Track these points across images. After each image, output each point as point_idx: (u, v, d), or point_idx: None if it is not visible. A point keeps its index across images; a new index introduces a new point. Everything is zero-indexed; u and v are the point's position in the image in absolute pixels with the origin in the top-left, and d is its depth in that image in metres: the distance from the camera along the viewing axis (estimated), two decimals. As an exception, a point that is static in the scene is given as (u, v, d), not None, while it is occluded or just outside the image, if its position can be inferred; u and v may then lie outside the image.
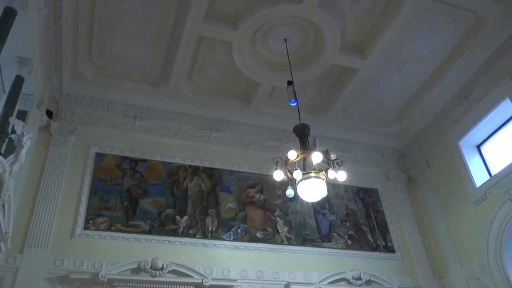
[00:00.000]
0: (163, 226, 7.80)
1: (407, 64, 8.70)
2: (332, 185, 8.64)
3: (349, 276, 8.27)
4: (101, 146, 8.34)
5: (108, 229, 7.47)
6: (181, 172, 8.57)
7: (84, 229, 7.33)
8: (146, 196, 8.04)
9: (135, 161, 8.40)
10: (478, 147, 9.26)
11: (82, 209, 7.51)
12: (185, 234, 7.84)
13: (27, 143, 5.73)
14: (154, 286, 7.10)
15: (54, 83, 8.03)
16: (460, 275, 8.70)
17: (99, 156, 8.20)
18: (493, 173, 8.64)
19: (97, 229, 7.41)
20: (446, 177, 9.46)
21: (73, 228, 7.29)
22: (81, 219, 7.40)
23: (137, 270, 7.13)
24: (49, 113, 8.11)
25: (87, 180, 7.85)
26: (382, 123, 10.14)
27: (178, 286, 7.21)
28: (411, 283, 8.80)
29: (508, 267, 7.82)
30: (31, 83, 6.72)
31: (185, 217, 8.03)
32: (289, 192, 5.40)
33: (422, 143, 10.18)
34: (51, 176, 7.59)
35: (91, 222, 7.43)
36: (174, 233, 7.79)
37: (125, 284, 6.95)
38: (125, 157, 8.37)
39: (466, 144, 9.20)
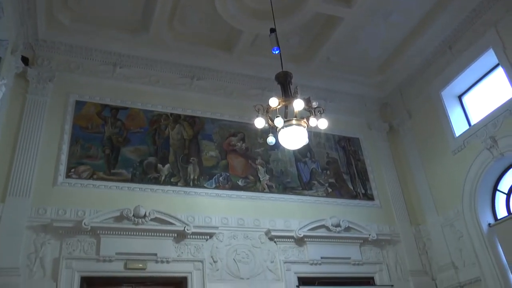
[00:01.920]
0: (145, 174, 7.82)
1: (392, 14, 8.54)
2: (313, 134, 8.70)
3: (328, 223, 8.47)
4: (80, 93, 8.18)
5: (90, 177, 7.46)
6: (162, 120, 8.51)
7: (66, 178, 7.31)
8: (127, 144, 8.00)
9: (116, 109, 8.29)
10: (460, 97, 9.33)
11: (64, 157, 7.46)
12: (167, 182, 7.89)
13: (1, 89, 5.61)
14: (137, 233, 7.20)
15: (28, 29, 7.73)
16: (436, 222, 8.99)
17: (79, 104, 8.07)
18: (472, 123, 8.76)
19: (79, 177, 7.39)
20: (427, 127, 9.57)
21: (54, 177, 7.26)
22: (62, 168, 7.37)
23: (120, 218, 7.20)
24: (25, 60, 7.86)
25: (67, 128, 7.75)
26: (366, 73, 10.08)
27: (160, 234, 7.32)
28: (389, 230, 9.07)
29: (480, 213, 8.11)
30: (3, 28, 6.48)
31: (167, 165, 8.04)
32: (270, 139, 5.41)
33: (404, 93, 10.21)
34: (30, 124, 7.46)
35: (72, 170, 7.40)
36: (156, 181, 7.82)
37: (109, 232, 7.02)
38: (106, 105, 8.25)
39: (448, 94, 9.26)
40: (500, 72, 8.22)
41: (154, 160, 8.00)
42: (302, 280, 7.91)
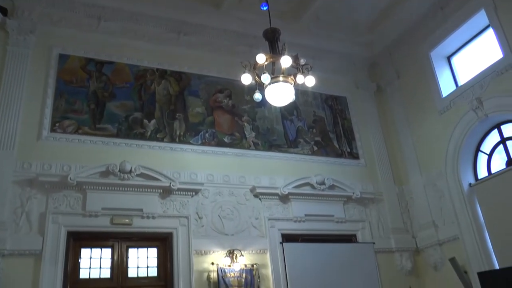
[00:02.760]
0: (130, 130, 7.76)
1: (384, -28, 8.41)
2: (301, 92, 8.63)
3: (313, 181, 8.58)
4: (64, 47, 7.96)
5: (75, 132, 7.39)
6: (148, 76, 8.37)
7: (50, 132, 7.23)
8: (113, 99, 7.90)
9: (101, 63, 8.13)
10: (449, 58, 9.31)
11: (48, 111, 7.34)
12: (153, 138, 7.85)
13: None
14: (123, 189, 7.22)
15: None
16: (418, 181, 9.15)
17: (63, 58, 7.87)
18: (460, 84, 8.78)
19: (64, 132, 7.32)
20: (414, 87, 9.58)
21: (39, 131, 7.18)
22: (47, 122, 7.27)
23: (106, 173, 7.19)
24: (4, 11, 7.59)
25: (51, 82, 7.59)
26: (355, 32, 9.95)
27: (146, 189, 7.35)
28: (373, 189, 9.22)
29: (462, 173, 8.28)
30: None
31: (153, 121, 7.99)
32: (257, 96, 5.37)
33: (393, 53, 10.15)
34: (12, 76, 7.28)
35: (57, 125, 7.32)
36: (142, 137, 7.79)
37: (94, 187, 7.04)
38: (90, 59, 8.07)
39: (437, 55, 9.23)
40: (490, 33, 8.19)
41: (140, 116, 7.94)
42: (285, 237, 8.08)
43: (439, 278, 8.55)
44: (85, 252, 6.98)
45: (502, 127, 8.02)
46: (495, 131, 8.12)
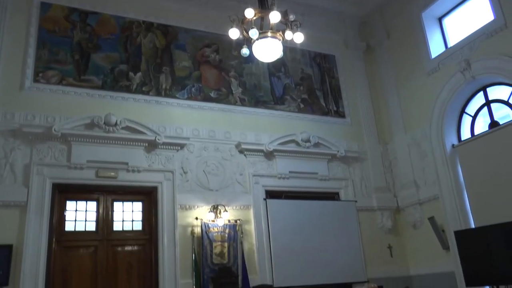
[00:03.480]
0: (116, 82, 7.64)
1: None
2: (289, 49, 8.54)
3: (298, 138, 8.62)
4: (45, -5, 7.70)
5: (59, 83, 7.25)
6: (134, 28, 8.15)
7: (33, 82, 7.07)
8: (98, 51, 7.71)
9: (85, 14, 7.86)
10: (440, 19, 9.21)
11: (30, 61, 7.14)
12: (138, 91, 7.75)
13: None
14: (108, 142, 7.18)
15: None
16: (403, 141, 9.24)
17: (44, 6, 7.57)
18: (449, 46, 8.74)
19: (48, 82, 7.17)
20: (404, 47, 9.51)
21: (21, 81, 7.01)
22: (29, 72, 7.09)
23: (91, 125, 7.13)
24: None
25: (33, 31, 7.34)
26: (347, -12, 9.78)
27: (131, 143, 7.33)
28: (357, 148, 9.30)
29: (446, 134, 8.38)
30: None
31: (139, 74, 7.86)
32: (244, 51, 5.28)
33: (384, 12, 10.01)
34: (-10, 24, 7.07)
35: (40, 75, 7.15)
36: (128, 90, 7.67)
37: (79, 139, 6.98)
38: (74, 9, 7.79)
39: (429, 15, 9.12)
40: (482, -6, 8.10)
41: (125, 68, 7.79)
42: (269, 193, 8.19)
43: (418, 236, 8.80)
44: (70, 205, 7.02)
45: (488, 89, 8.06)
46: (481, 93, 8.17)
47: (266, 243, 7.77)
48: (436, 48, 8.87)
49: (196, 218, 7.37)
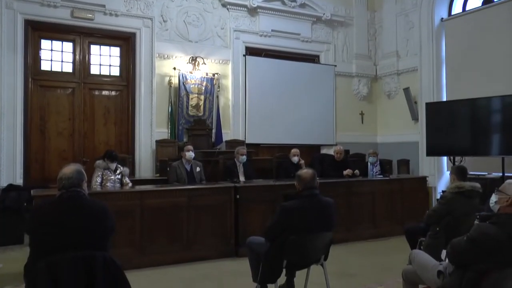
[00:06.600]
0: None
1: None
2: None
3: (285, 2, 8.34)
4: None
5: None
6: None
7: None
8: None
9: None
10: None
11: None
12: None
13: None
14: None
15: None
16: (392, 10, 8.98)
17: None
18: None
19: None
20: None
21: None
22: None
23: (66, -39, 6.73)
24: None
25: None
26: None
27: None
28: (344, 12, 9.05)
29: (436, 6, 8.20)
30: None
31: None
32: None
33: None
34: None
35: None
36: None
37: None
38: None
39: None
40: None
41: None
42: (249, 50, 8.13)
43: (390, 105, 9.03)
44: (45, 44, 6.91)
45: (487, -39, 7.69)
46: (480, -36, 7.81)
47: (242, 99, 7.93)
48: None
49: (174, 69, 7.37)
